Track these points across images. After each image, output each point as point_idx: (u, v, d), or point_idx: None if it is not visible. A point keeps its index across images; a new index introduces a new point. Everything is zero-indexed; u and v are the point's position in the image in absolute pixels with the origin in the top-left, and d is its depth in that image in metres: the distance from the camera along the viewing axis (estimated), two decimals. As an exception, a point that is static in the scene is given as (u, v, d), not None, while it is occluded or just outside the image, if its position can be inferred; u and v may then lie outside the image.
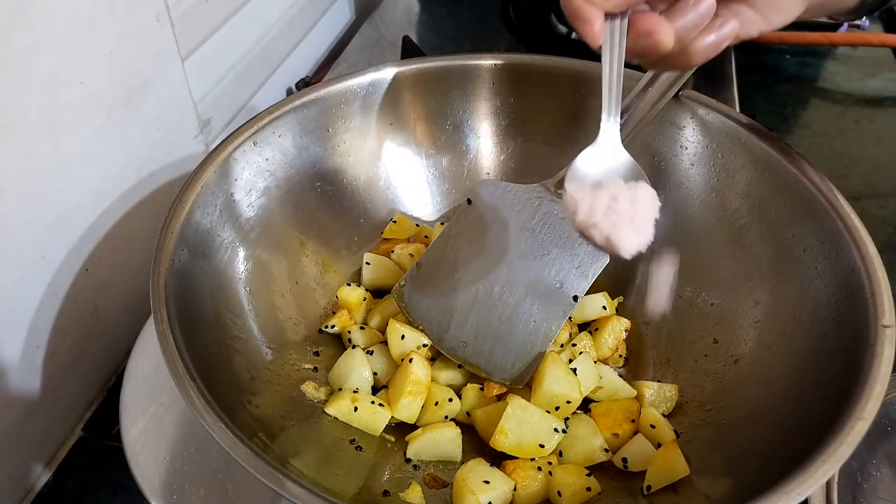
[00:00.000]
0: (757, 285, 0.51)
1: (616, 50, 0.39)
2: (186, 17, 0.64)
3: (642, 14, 0.38)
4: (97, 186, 0.57)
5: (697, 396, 0.50)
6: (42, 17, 0.48)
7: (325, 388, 0.52)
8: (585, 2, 0.37)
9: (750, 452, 0.43)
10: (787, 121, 0.91)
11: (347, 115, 0.59)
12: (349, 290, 0.57)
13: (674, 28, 0.38)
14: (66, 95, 0.51)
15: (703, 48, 0.40)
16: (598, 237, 0.39)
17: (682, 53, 0.40)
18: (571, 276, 0.52)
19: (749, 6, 0.41)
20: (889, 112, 0.92)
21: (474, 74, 0.61)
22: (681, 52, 0.40)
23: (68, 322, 0.56)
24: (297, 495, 0.35)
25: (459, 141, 0.64)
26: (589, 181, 0.41)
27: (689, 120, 0.55)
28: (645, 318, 0.57)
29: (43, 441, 0.56)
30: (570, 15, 0.38)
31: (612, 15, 0.38)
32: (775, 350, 0.47)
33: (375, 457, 0.48)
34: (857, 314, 0.42)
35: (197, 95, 0.68)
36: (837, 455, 0.35)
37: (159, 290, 0.43)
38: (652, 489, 0.45)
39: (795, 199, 0.49)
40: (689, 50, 0.40)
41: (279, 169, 0.56)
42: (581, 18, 0.37)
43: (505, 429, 0.47)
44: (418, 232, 0.63)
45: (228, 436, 0.37)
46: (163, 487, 0.46)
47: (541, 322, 0.51)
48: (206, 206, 0.50)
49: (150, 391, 0.51)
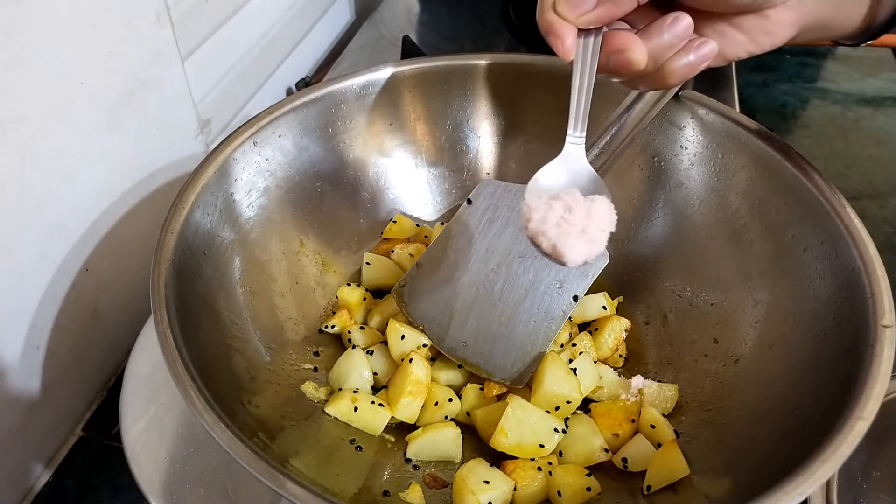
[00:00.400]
0: (757, 285, 0.51)
1: (587, 66, 0.38)
2: (186, 17, 0.64)
3: (616, 32, 0.38)
4: (97, 186, 0.57)
5: (697, 396, 0.50)
6: (42, 17, 0.48)
7: (325, 388, 0.52)
8: (558, 17, 0.37)
9: (750, 452, 0.43)
10: (787, 121, 0.91)
11: (347, 115, 0.59)
12: (349, 290, 0.57)
13: (647, 47, 0.37)
14: (66, 95, 0.51)
15: (678, 69, 0.39)
16: (546, 245, 0.40)
17: (658, 73, 0.39)
18: (571, 276, 0.52)
19: (735, 27, 0.40)
20: (889, 112, 0.92)
21: (474, 74, 0.61)
22: (656, 71, 0.39)
23: (68, 322, 0.56)
24: (297, 495, 0.35)
25: (459, 141, 0.64)
26: (548, 193, 0.41)
27: (689, 120, 0.55)
28: (645, 318, 0.57)
29: (43, 441, 0.56)
30: (543, 30, 0.38)
31: (586, 31, 0.38)
32: (775, 350, 0.47)
33: (375, 457, 0.48)
34: (857, 314, 0.42)
35: (197, 95, 0.68)
36: (837, 455, 0.35)
37: (159, 290, 0.43)
38: (652, 489, 0.45)
39: (795, 199, 0.49)
40: (665, 70, 0.39)
41: (279, 169, 0.56)
42: (553, 34, 0.37)
43: (505, 429, 0.47)
44: (418, 232, 0.63)
45: (228, 436, 0.37)
46: (163, 487, 0.46)
47: (541, 322, 0.51)
48: (206, 206, 0.50)
49: (150, 391, 0.51)
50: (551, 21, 0.37)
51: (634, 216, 0.59)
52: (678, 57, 0.38)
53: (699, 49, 0.38)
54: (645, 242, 0.59)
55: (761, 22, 0.40)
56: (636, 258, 0.59)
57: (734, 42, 0.41)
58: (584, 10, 0.36)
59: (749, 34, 0.40)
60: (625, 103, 0.53)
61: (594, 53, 0.38)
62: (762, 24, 0.40)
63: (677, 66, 0.39)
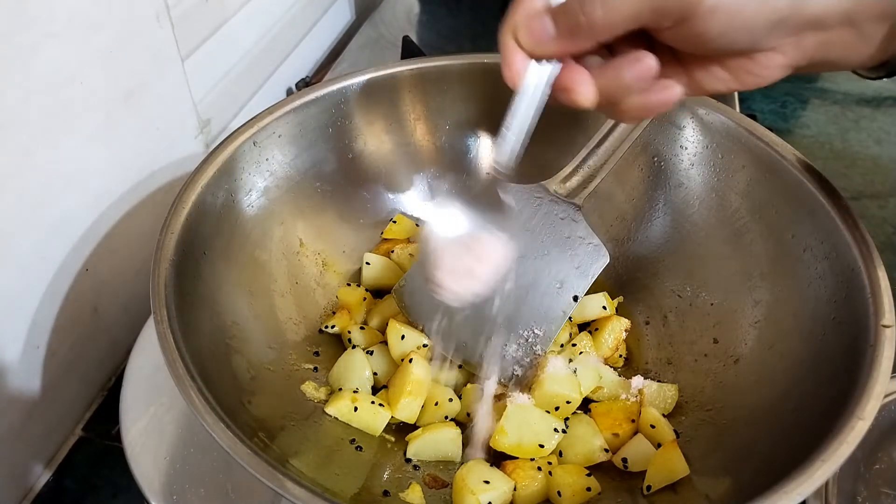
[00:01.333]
0: (757, 285, 0.51)
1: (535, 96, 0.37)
2: (186, 17, 0.64)
3: (569, 68, 0.36)
4: (97, 186, 0.57)
5: (697, 396, 0.50)
6: (42, 17, 0.48)
7: (325, 388, 0.52)
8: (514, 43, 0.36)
9: (750, 452, 0.43)
10: (787, 121, 0.91)
11: (347, 115, 0.59)
12: (349, 290, 0.57)
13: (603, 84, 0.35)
14: (65, 95, 0.51)
15: (633, 109, 0.36)
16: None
17: (613, 108, 0.37)
18: (571, 276, 0.52)
19: (718, 63, 0.37)
20: (889, 112, 0.92)
21: (474, 74, 0.61)
22: (611, 105, 0.37)
23: (68, 322, 0.56)
24: (297, 495, 0.35)
25: (459, 141, 0.64)
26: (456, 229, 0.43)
27: (689, 120, 0.55)
28: (645, 318, 0.57)
29: (43, 441, 0.56)
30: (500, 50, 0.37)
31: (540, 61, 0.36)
32: (775, 350, 0.47)
33: (375, 457, 0.48)
34: (857, 314, 0.42)
35: (197, 95, 0.68)
36: (837, 455, 0.35)
37: (159, 290, 0.43)
38: (652, 489, 0.45)
39: (795, 199, 0.49)
40: (620, 107, 0.37)
41: (279, 169, 0.56)
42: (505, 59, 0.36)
43: (505, 429, 0.47)
44: (418, 232, 0.63)
45: (228, 436, 0.37)
46: (163, 487, 0.47)
47: (541, 322, 0.51)
48: (206, 207, 0.50)
49: (150, 391, 0.51)
50: (506, 45, 0.36)
51: (634, 216, 0.59)
52: (636, 98, 0.36)
53: (659, 93, 0.36)
54: (645, 242, 0.59)
55: (747, 63, 0.37)
56: (636, 258, 0.59)
57: (715, 77, 0.38)
58: (542, 39, 0.35)
59: (733, 72, 0.37)
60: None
61: (547, 83, 0.36)
62: (747, 65, 0.37)
63: (633, 105, 0.36)
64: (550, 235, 0.53)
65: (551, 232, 0.53)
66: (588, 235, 0.52)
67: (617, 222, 0.60)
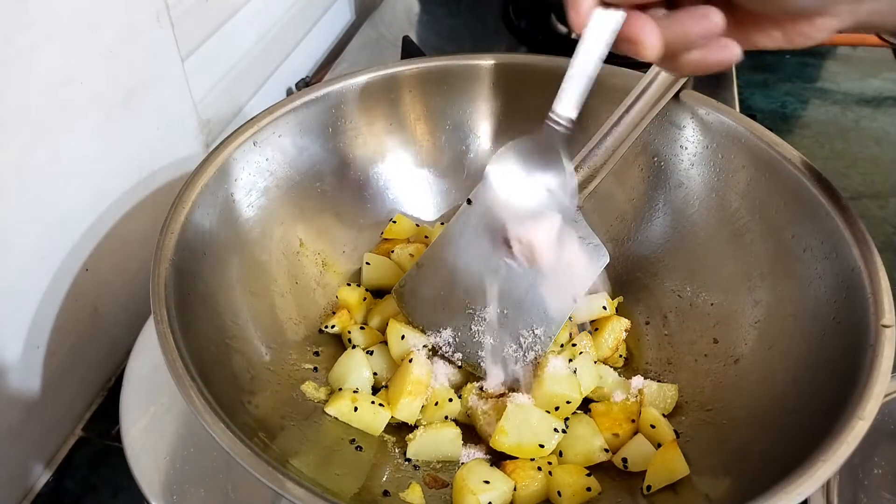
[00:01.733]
0: (757, 285, 0.51)
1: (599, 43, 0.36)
2: (186, 17, 0.64)
3: (636, 18, 0.36)
4: (97, 186, 0.57)
5: (697, 396, 0.50)
6: (42, 17, 0.48)
7: (325, 388, 0.52)
8: None
9: (750, 452, 0.43)
10: (787, 121, 0.91)
11: (347, 115, 0.59)
12: (349, 290, 0.57)
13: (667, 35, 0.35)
14: (65, 95, 0.51)
15: (691, 64, 0.37)
16: None
17: (672, 60, 0.37)
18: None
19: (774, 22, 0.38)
20: (889, 112, 0.92)
21: (474, 74, 0.61)
22: (671, 58, 0.37)
23: (68, 322, 0.56)
24: (297, 495, 0.35)
25: (459, 141, 0.64)
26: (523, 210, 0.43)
27: (689, 120, 0.55)
28: (645, 318, 0.57)
29: (43, 441, 0.56)
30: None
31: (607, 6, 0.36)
32: (775, 350, 0.47)
33: (375, 457, 0.48)
34: (857, 314, 0.42)
35: (197, 95, 0.68)
36: (837, 455, 0.35)
37: (159, 290, 0.43)
38: (652, 489, 0.45)
39: (795, 199, 0.49)
40: (679, 60, 0.37)
41: (279, 169, 0.56)
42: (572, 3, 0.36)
43: (505, 429, 0.47)
44: (418, 232, 0.63)
45: (228, 436, 0.37)
46: (163, 487, 0.47)
47: (541, 322, 0.51)
48: (206, 206, 0.50)
49: (150, 391, 0.51)
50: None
51: (634, 216, 0.59)
52: (696, 53, 0.36)
53: (720, 52, 0.36)
54: (645, 242, 0.59)
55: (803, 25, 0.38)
56: (636, 258, 0.59)
57: (768, 36, 0.38)
58: None
59: (787, 32, 0.38)
60: (624, 104, 0.53)
61: (611, 33, 0.36)
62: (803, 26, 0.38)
63: (691, 60, 0.37)
64: (550, 235, 0.52)
65: (551, 232, 0.52)
66: (588, 235, 0.52)
67: (617, 222, 0.60)
